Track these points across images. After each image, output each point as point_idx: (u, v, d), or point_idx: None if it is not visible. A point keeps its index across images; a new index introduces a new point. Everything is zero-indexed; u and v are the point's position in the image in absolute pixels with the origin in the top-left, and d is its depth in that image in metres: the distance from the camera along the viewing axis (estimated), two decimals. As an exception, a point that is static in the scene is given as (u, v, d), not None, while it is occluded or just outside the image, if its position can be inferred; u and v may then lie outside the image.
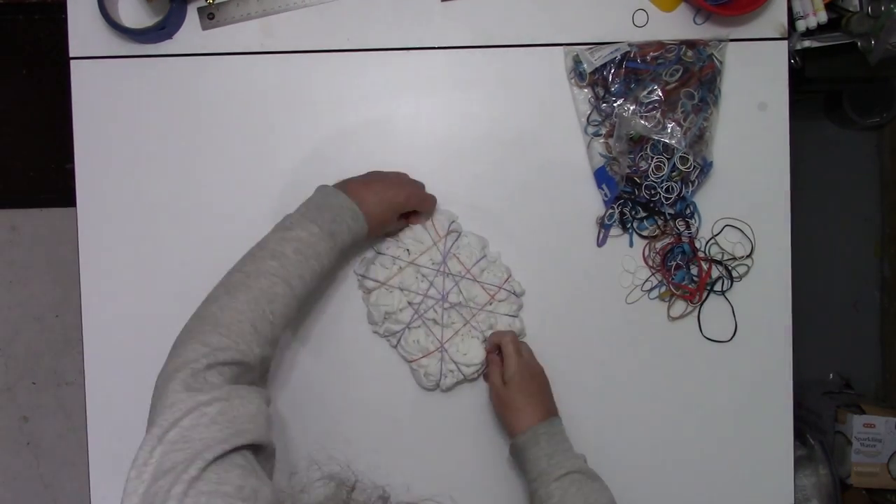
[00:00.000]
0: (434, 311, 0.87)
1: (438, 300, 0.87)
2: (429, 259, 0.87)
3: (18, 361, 1.69)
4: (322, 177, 0.90)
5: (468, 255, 0.88)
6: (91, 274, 0.90)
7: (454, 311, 0.87)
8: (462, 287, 0.87)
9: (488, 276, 0.88)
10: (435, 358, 0.87)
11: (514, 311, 0.88)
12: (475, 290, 0.87)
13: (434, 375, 0.87)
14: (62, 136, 0.93)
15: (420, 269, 0.87)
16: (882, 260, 1.65)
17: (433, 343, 0.87)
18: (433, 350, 0.87)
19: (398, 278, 0.87)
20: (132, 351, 0.90)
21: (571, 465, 0.77)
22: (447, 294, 0.87)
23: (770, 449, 0.91)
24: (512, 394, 0.82)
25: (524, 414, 0.81)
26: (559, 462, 0.77)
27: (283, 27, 0.90)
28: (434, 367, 0.87)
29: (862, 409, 1.35)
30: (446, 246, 0.87)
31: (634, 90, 0.88)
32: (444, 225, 0.88)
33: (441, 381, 0.87)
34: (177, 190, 0.90)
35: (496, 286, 0.87)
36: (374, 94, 0.91)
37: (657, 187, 0.89)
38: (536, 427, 0.79)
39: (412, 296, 0.87)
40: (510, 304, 0.88)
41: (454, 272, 0.87)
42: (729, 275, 0.90)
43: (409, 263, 0.87)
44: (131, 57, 0.90)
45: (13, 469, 1.69)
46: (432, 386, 0.88)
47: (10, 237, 1.69)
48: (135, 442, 0.82)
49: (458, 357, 0.86)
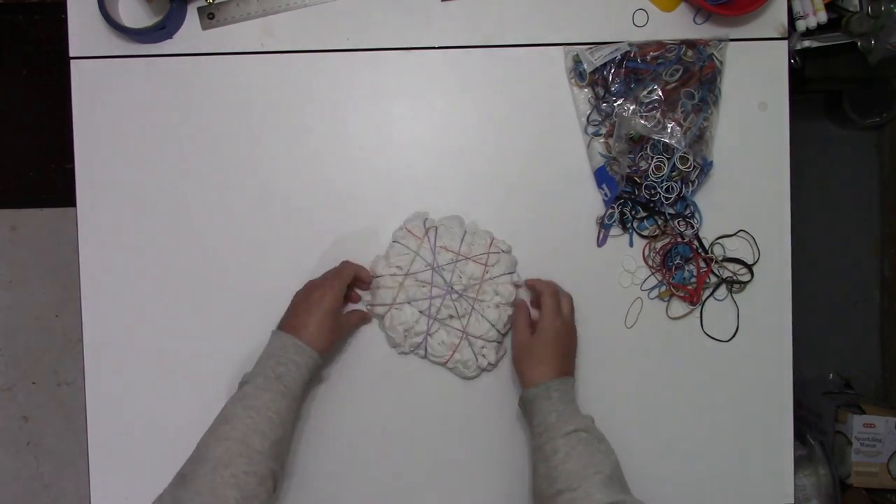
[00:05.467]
0: (446, 307, 0.87)
1: (444, 294, 0.87)
2: (422, 263, 0.87)
3: (18, 361, 1.69)
4: (322, 177, 0.91)
5: (451, 238, 0.88)
6: (91, 274, 0.90)
7: (463, 298, 0.87)
8: (459, 271, 0.87)
9: (476, 248, 0.88)
10: (464, 346, 0.87)
11: (511, 268, 0.89)
12: (471, 268, 0.87)
13: (471, 361, 0.87)
14: (62, 136, 0.93)
15: (418, 276, 0.87)
16: (882, 260, 1.65)
17: (456, 336, 0.87)
18: (458, 341, 0.87)
19: (402, 294, 0.87)
20: (132, 351, 0.90)
21: (580, 423, 0.77)
22: (451, 285, 0.87)
23: (770, 449, 0.91)
24: (537, 346, 0.83)
25: (542, 368, 0.81)
26: (568, 419, 0.77)
27: (283, 27, 0.90)
28: (467, 354, 0.87)
29: (862, 409, 1.35)
30: (431, 243, 0.87)
31: (634, 90, 0.88)
32: (420, 226, 0.88)
33: (480, 363, 0.88)
34: (177, 190, 0.91)
35: (484, 254, 0.88)
36: (374, 93, 0.91)
37: (657, 187, 0.89)
38: (550, 382, 0.80)
39: (421, 304, 0.87)
40: (503, 265, 0.88)
41: (448, 262, 0.87)
42: (730, 288, 0.91)
43: (406, 276, 0.87)
44: (131, 57, 0.90)
45: (13, 469, 1.69)
46: (476, 372, 0.89)
47: (10, 237, 1.69)
48: (134, 442, 0.82)
49: (482, 332, 0.87)
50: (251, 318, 0.89)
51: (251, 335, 0.88)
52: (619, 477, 0.75)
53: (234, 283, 0.90)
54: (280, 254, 0.90)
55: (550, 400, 0.79)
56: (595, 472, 0.73)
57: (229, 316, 0.90)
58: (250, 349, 0.86)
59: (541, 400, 0.79)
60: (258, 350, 0.81)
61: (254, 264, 0.91)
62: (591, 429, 0.78)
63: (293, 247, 0.90)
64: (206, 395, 0.88)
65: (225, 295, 0.90)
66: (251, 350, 0.84)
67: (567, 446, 0.75)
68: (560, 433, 0.76)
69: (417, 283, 0.87)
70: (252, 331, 0.88)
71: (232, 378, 0.86)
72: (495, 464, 0.90)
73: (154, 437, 0.90)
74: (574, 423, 0.77)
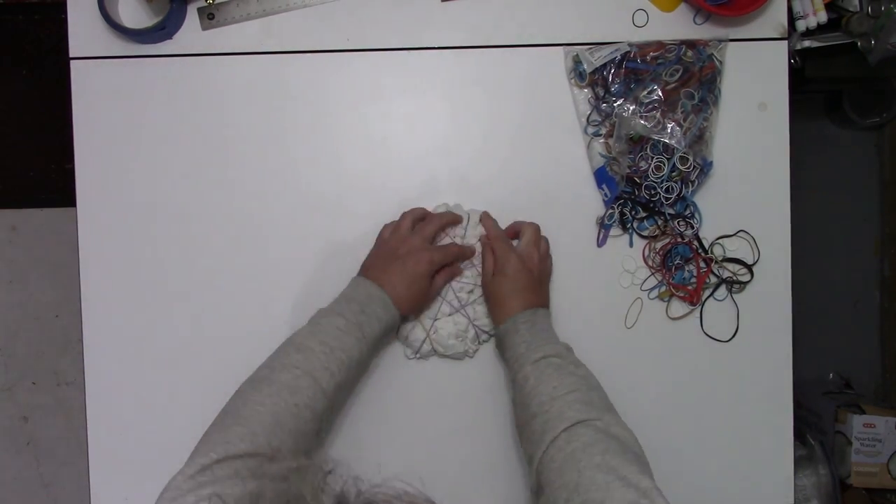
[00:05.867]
0: (455, 303, 0.87)
1: None
2: None
3: (18, 361, 1.69)
4: (322, 177, 0.91)
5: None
6: (91, 274, 0.90)
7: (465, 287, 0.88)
8: None
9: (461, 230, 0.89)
10: (470, 330, 0.88)
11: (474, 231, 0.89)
12: None
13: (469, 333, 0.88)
14: (62, 136, 0.93)
15: None
16: (882, 260, 1.65)
17: (462, 324, 0.87)
18: (467, 324, 0.88)
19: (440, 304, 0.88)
20: (132, 351, 0.90)
21: (550, 350, 0.76)
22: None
23: (770, 449, 0.91)
24: (497, 286, 0.82)
25: (508, 304, 0.81)
26: (537, 347, 0.76)
27: (283, 27, 0.90)
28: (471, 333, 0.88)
29: (862, 409, 1.35)
30: None
31: (634, 90, 0.88)
32: None
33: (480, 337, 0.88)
34: (177, 190, 0.91)
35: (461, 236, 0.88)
36: (374, 93, 0.91)
37: (657, 187, 0.89)
38: (517, 315, 0.79)
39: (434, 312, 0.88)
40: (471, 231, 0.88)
41: None
42: (729, 288, 0.91)
43: None
44: (131, 57, 0.90)
45: (13, 469, 1.69)
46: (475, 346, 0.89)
47: (10, 237, 1.69)
48: (134, 442, 0.82)
49: None
50: (251, 317, 0.90)
51: (251, 334, 0.88)
52: (601, 399, 0.73)
53: (234, 283, 0.90)
54: (280, 253, 0.90)
55: (518, 333, 0.78)
56: (567, 391, 0.71)
57: (229, 316, 0.90)
58: (250, 348, 0.86)
59: (510, 335, 0.79)
60: (258, 350, 0.81)
61: (254, 264, 0.90)
62: (563, 354, 0.76)
63: (293, 246, 0.90)
64: (206, 395, 0.88)
65: (225, 295, 0.90)
66: (251, 349, 0.84)
67: (536, 371, 0.74)
68: (529, 360, 0.75)
69: None
70: (252, 329, 0.88)
71: (232, 377, 0.86)
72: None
73: (154, 437, 0.90)
74: (543, 351, 0.76)
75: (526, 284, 0.82)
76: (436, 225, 0.86)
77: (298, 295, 0.89)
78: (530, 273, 0.83)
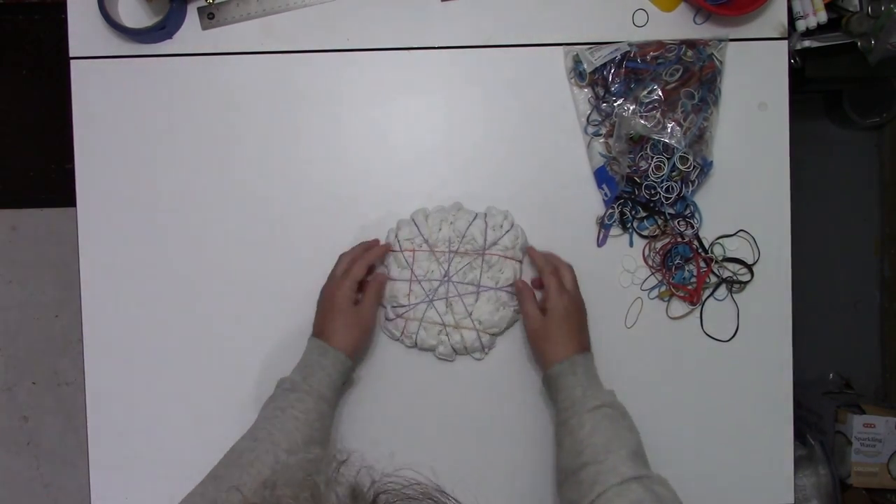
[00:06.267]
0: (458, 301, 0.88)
1: (444, 282, 0.88)
2: (423, 263, 0.88)
3: (18, 361, 1.69)
4: (322, 177, 0.91)
5: (442, 235, 0.88)
6: (91, 274, 0.90)
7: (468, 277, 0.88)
8: (454, 265, 0.88)
9: (460, 225, 0.88)
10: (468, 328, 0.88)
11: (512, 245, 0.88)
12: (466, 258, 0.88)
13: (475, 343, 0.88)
14: (62, 136, 0.93)
15: (421, 284, 0.88)
16: (882, 260, 1.65)
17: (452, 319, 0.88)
18: (464, 318, 0.87)
19: (412, 312, 0.88)
20: (132, 351, 0.90)
21: (605, 399, 0.78)
22: (450, 278, 0.88)
23: (770, 449, 0.91)
24: (550, 327, 0.82)
25: (561, 346, 0.81)
26: (593, 394, 0.78)
27: (283, 27, 0.90)
28: (468, 335, 0.87)
29: (862, 409, 1.35)
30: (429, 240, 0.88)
31: (634, 90, 0.88)
32: (415, 231, 0.89)
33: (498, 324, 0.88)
34: (177, 190, 0.90)
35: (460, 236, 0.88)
36: (374, 93, 0.91)
37: (657, 187, 0.89)
38: (574, 357, 0.80)
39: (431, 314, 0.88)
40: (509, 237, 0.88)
41: (442, 258, 0.88)
42: (730, 288, 0.91)
43: (415, 281, 0.88)
44: (131, 57, 0.90)
45: (13, 469, 1.69)
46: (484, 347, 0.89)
47: (10, 237, 1.69)
48: (134, 442, 0.82)
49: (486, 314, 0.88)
50: (251, 317, 0.90)
51: (251, 334, 0.89)
52: (642, 454, 0.76)
53: (234, 283, 0.90)
54: (280, 253, 0.90)
55: (576, 375, 0.79)
56: (620, 446, 0.73)
57: (229, 315, 0.90)
58: (250, 348, 0.87)
59: (566, 376, 0.79)
60: (258, 350, 0.81)
61: (254, 264, 0.90)
62: (615, 404, 0.78)
63: (293, 246, 0.90)
64: (206, 395, 0.88)
65: (225, 295, 0.90)
66: (251, 349, 0.84)
67: (593, 420, 0.75)
68: (586, 408, 0.76)
69: (421, 294, 0.88)
70: (251, 330, 0.88)
71: (231, 377, 0.86)
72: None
73: (154, 437, 0.89)
74: (600, 398, 0.77)
75: (580, 326, 0.84)
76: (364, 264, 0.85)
77: (298, 295, 0.89)
78: (582, 314, 0.84)
